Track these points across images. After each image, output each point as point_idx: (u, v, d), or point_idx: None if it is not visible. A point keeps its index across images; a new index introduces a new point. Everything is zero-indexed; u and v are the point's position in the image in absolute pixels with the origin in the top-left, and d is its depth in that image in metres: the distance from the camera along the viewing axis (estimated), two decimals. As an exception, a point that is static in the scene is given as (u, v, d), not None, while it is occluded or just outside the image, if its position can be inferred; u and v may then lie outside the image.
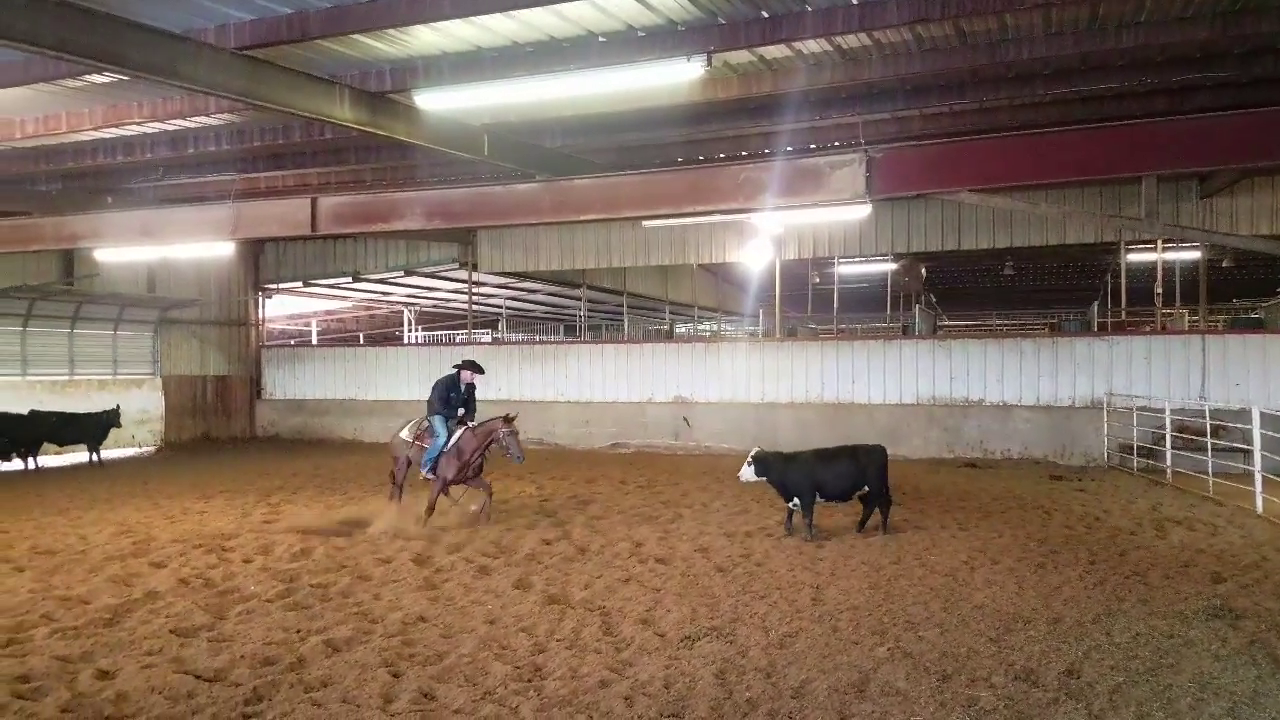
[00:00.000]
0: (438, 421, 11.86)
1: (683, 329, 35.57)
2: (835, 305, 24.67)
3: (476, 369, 12.27)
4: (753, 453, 10.64)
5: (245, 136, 14.25)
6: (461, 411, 12.02)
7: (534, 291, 31.05)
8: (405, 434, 12.38)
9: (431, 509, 11.63)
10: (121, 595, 8.21)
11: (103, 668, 6.35)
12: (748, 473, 10.55)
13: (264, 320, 26.91)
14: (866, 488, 10.67)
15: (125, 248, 14.92)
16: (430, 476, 11.89)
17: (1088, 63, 11.63)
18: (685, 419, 21.17)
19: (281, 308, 31.01)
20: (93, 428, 18.10)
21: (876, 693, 5.84)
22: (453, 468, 11.68)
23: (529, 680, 6.09)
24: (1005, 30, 10.42)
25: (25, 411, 17.40)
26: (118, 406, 19.03)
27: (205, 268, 23.56)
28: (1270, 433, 12.31)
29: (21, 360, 19.80)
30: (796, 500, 10.57)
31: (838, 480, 10.51)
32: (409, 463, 12.28)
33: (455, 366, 12.27)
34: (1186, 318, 25.40)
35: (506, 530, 11.10)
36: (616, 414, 21.88)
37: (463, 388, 12.12)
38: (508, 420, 11.74)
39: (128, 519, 12.19)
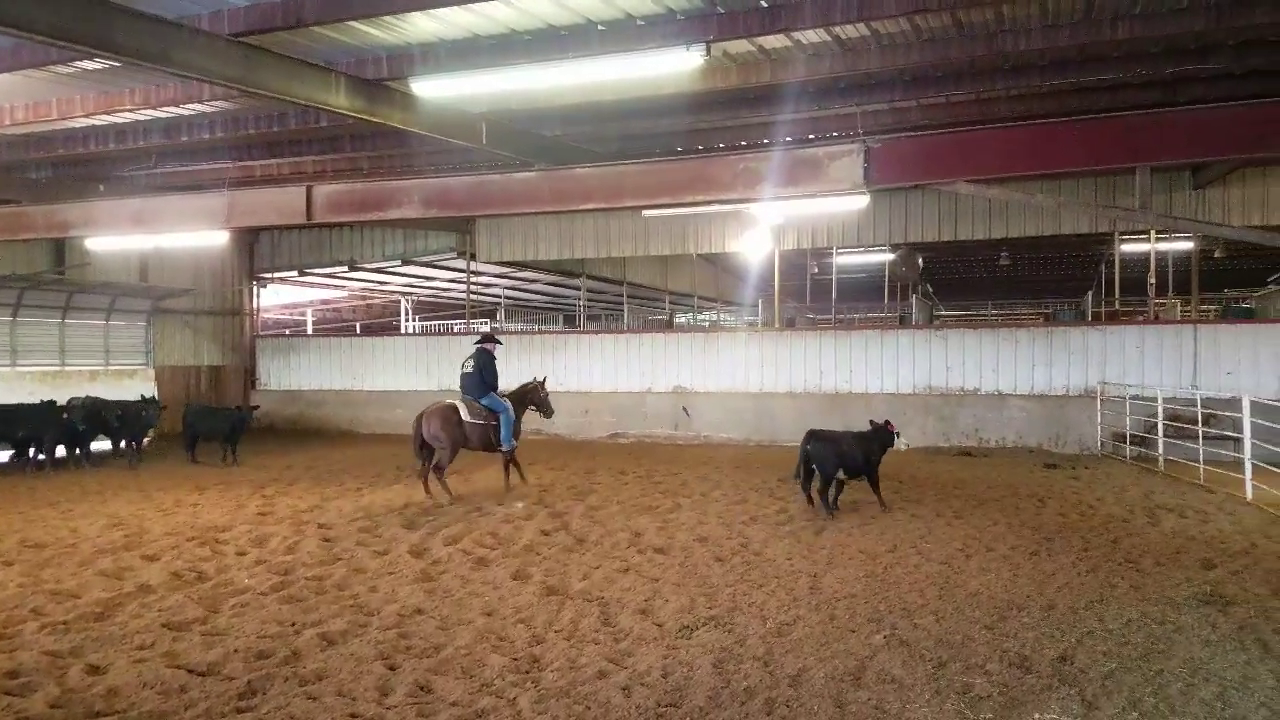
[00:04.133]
0: (500, 398, 13.05)
1: (682, 319, 35.58)
2: (834, 295, 24.70)
3: (497, 341, 13.51)
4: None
5: (240, 124, 14.18)
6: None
7: (533, 281, 31.01)
8: (466, 415, 12.85)
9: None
10: (113, 589, 8.12)
11: (93, 663, 6.27)
12: None
13: (259, 310, 26.84)
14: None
15: (117, 236, 14.77)
16: (514, 445, 13.13)
17: (1084, 54, 11.63)
18: (684, 409, 21.18)
19: (276, 297, 30.93)
20: (225, 423, 17.98)
21: (873, 680, 5.86)
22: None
23: (527, 672, 6.09)
24: (1002, 21, 10.43)
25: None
26: (255, 405, 20.22)
27: (199, 257, 23.43)
28: (1260, 421, 12.39)
29: (11, 350, 19.66)
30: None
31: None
32: (464, 442, 12.84)
33: (479, 345, 13.22)
34: (1179, 308, 25.50)
35: (504, 521, 11.10)
36: (616, 404, 21.87)
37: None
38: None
39: (119, 511, 12.08)
